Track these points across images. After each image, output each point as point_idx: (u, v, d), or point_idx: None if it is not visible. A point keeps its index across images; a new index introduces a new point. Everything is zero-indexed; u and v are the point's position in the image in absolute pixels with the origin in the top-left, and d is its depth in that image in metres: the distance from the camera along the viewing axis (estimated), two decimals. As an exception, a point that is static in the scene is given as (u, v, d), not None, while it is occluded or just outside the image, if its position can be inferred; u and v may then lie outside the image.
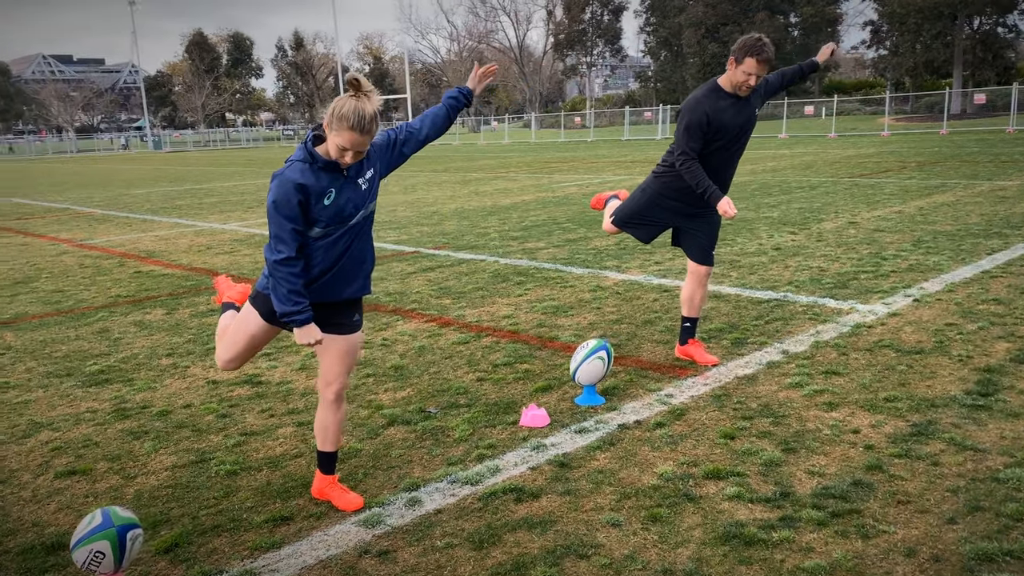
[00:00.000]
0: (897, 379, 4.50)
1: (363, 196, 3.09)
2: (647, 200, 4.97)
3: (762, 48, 4.44)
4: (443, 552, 2.92)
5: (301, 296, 3.02)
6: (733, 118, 4.61)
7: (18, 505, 3.45)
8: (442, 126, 3.39)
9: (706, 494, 3.27)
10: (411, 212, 13.79)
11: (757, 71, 4.48)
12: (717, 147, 4.66)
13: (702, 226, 4.89)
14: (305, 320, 3.03)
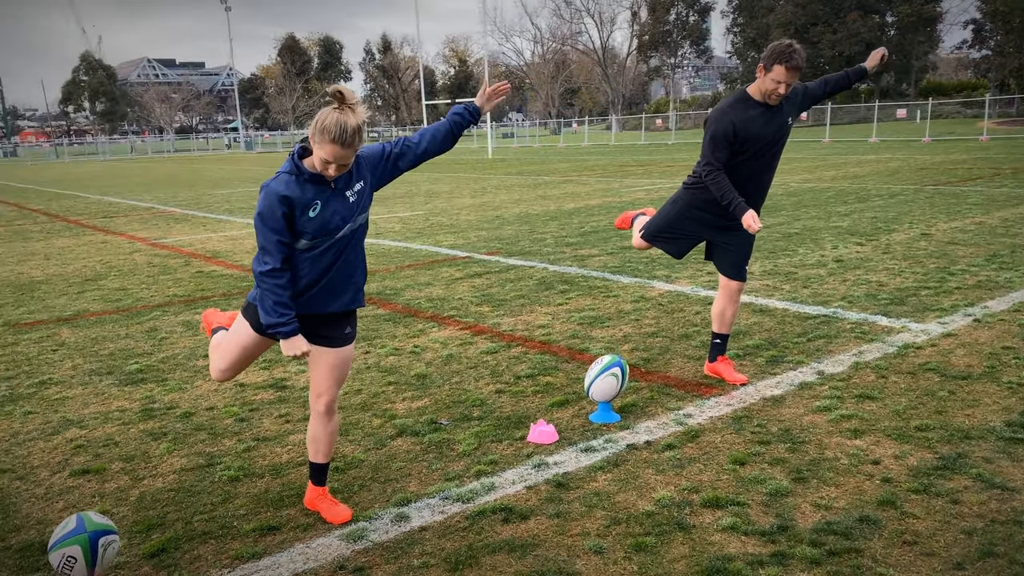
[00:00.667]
0: (935, 406, 4.23)
1: (351, 209, 3.08)
2: (677, 213, 4.82)
3: (791, 55, 4.25)
4: (417, 572, 2.88)
5: (287, 308, 3.03)
6: (763, 128, 4.43)
7: (29, 501, 3.57)
8: (443, 142, 3.33)
9: (700, 523, 3.13)
10: (474, 216, 13.83)
11: (786, 79, 4.29)
12: (746, 158, 4.48)
13: (735, 240, 4.71)
14: (290, 332, 3.04)
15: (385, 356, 5.58)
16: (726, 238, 4.72)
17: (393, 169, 3.23)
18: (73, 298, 8.11)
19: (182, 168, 40.61)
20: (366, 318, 6.66)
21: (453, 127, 3.35)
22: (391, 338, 6.03)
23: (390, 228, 12.60)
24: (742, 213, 4.37)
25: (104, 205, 19.60)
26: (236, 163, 44.49)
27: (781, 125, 4.48)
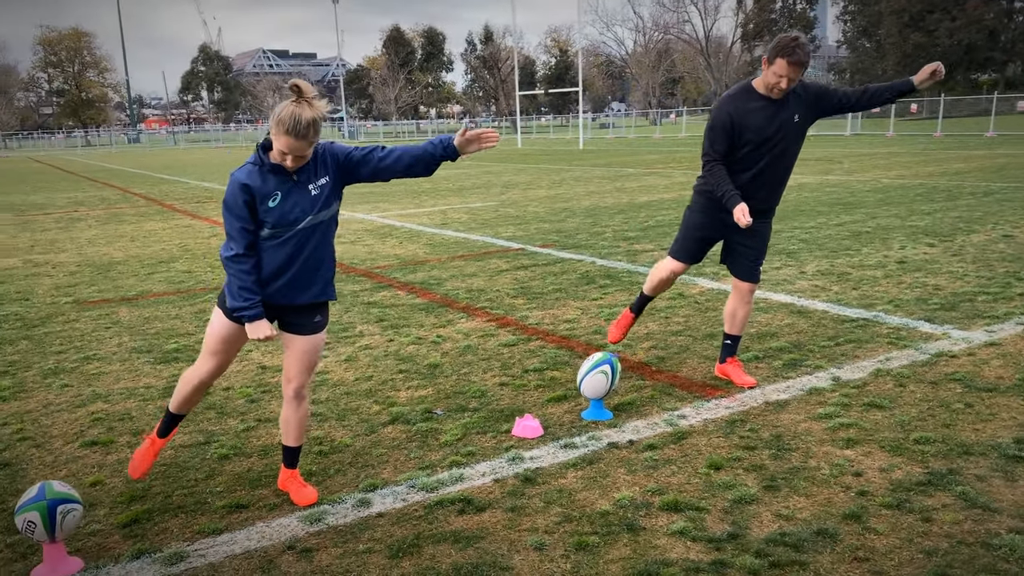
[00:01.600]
0: (945, 419, 4.02)
1: (312, 202, 3.16)
2: (695, 218, 4.70)
3: (793, 49, 4.11)
4: (358, 556, 2.96)
5: (252, 293, 3.14)
6: (764, 122, 4.30)
7: (36, 468, 3.83)
8: (410, 167, 3.24)
9: (651, 526, 3.09)
10: (542, 208, 13.84)
11: (788, 73, 4.15)
12: (747, 151, 4.36)
13: (750, 240, 4.59)
14: (254, 316, 3.15)
15: (406, 345, 5.68)
16: (741, 238, 4.60)
17: (352, 173, 3.24)
18: (142, 279, 8.57)
19: (284, 156, 42.05)
20: (402, 307, 6.80)
21: (425, 156, 3.24)
22: (419, 327, 6.14)
23: (456, 218, 12.75)
24: (733, 205, 4.29)
25: (200, 191, 20.55)
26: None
27: (785, 121, 4.33)
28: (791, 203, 13.05)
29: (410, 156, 3.25)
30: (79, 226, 13.52)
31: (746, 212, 4.24)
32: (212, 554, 3.01)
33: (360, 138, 74.73)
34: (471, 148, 3.22)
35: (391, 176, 3.27)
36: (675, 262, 4.79)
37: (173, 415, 3.54)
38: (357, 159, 3.23)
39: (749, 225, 4.26)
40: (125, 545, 3.09)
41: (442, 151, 3.24)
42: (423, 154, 3.25)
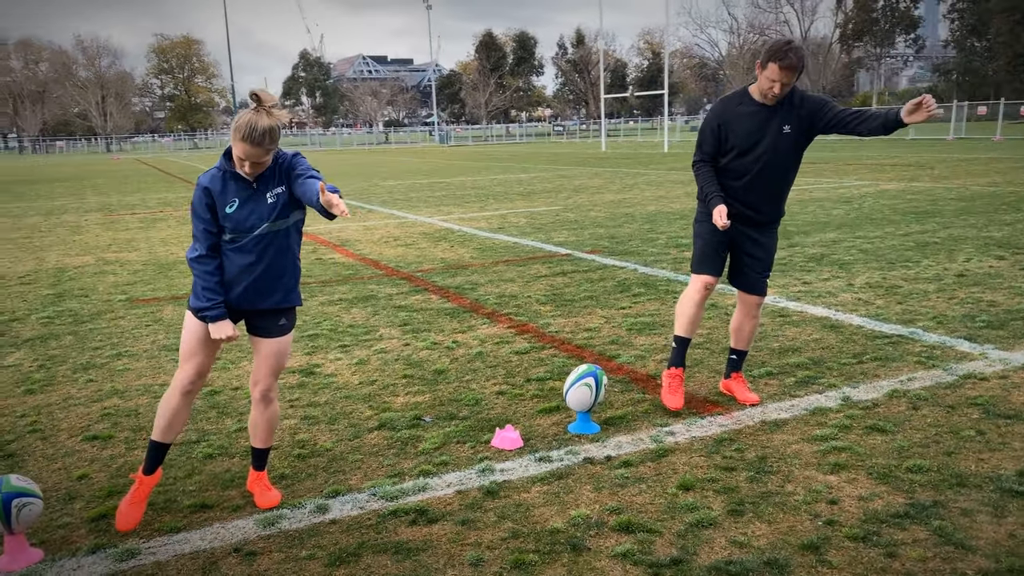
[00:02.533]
0: (949, 446, 3.77)
1: (268, 210, 3.21)
2: (703, 227, 4.52)
3: (785, 54, 3.94)
4: (298, 562, 2.98)
5: (215, 293, 3.21)
6: (751, 127, 4.15)
7: (35, 459, 4.01)
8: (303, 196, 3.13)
9: (597, 547, 3.00)
10: (603, 213, 13.70)
11: (780, 78, 3.98)
12: (734, 156, 4.23)
13: (755, 250, 4.42)
14: (217, 316, 3.22)
15: (421, 349, 5.71)
16: (748, 247, 4.43)
17: (291, 185, 3.23)
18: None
19: (373, 160, 43.01)
20: (430, 311, 6.84)
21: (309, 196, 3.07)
22: (439, 332, 6.16)
23: (514, 223, 12.75)
24: (713, 206, 4.20)
25: (281, 193, 21.17)
26: (423, 156, 46.54)
27: (774, 130, 4.15)
28: (862, 211, 12.53)
29: (306, 189, 3.09)
30: (158, 226, 14.14)
31: (723, 214, 4.13)
32: (162, 552, 3.08)
33: (450, 142, 75.74)
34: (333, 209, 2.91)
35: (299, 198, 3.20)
36: (703, 278, 4.44)
37: (157, 445, 3.40)
38: (293, 176, 3.19)
39: (725, 227, 4.13)
40: (88, 539, 3.21)
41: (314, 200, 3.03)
42: (309, 193, 3.06)
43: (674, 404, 4.41)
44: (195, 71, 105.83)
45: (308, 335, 6.20)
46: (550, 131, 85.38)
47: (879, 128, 3.95)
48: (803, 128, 4.20)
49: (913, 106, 3.74)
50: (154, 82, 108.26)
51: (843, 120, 4.10)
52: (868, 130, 4.01)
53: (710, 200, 4.25)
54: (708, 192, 4.28)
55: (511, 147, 57.49)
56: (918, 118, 3.73)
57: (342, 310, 7.03)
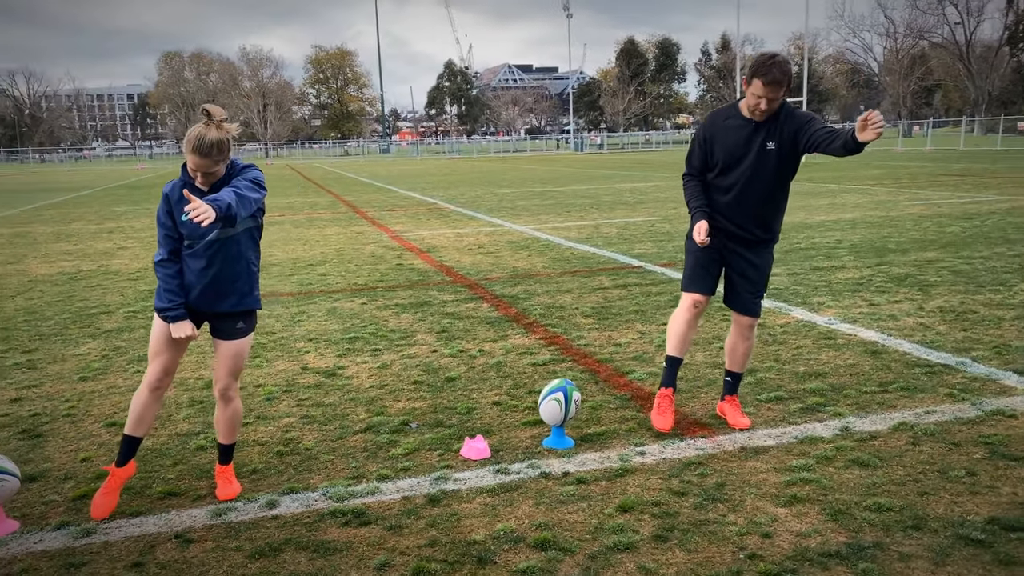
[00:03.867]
0: (929, 485, 3.52)
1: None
2: (694, 246, 4.44)
3: (769, 69, 3.80)
4: (225, 553, 3.15)
5: (175, 295, 3.46)
6: (735, 141, 4.04)
7: (55, 441, 4.41)
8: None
9: (504, 562, 3.02)
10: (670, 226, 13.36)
11: (764, 93, 3.85)
12: (719, 171, 4.13)
13: (747, 269, 4.29)
14: (176, 316, 3.46)
15: (444, 356, 5.84)
16: (738, 266, 4.30)
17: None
18: (281, 280, 9.42)
19: (499, 168, 43.66)
20: (473, 319, 6.96)
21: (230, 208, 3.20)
22: (471, 340, 6.27)
23: (605, 233, 12.67)
24: (695, 222, 4.13)
25: (399, 199, 21.96)
26: (551, 164, 46.81)
27: (758, 146, 4.01)
28: (980, 229, 11.66)
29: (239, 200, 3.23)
30: (272, 230, 15.00)
31: (702, 230, 4.06)
32: (115, 534, 3.34)
33: (585, 150, 75.78)
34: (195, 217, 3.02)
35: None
36: (692, 296, 4.35)
37: (129, 439, 3.63)
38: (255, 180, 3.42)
39: (704, 244, 4.04)
40: (60, 516, 3.52)
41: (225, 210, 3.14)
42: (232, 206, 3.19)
43: (661, 425, 4.30)
44: (348, 81, 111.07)
45: (349, 337, 6.46)
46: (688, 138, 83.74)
47: (840, 148, 3.73)
48: (788, 145, 4.04)
49: (861, 123, 3.50)
50: (310, 91, 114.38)
51: (819, 139, 3.89)
52: (834, 150, 3.79)
53: (693, 215, 4.19)
54: (692, 207, 4.22)
55: (644, 155, 56.91)
56: (868, 136, 3.47)
57: (392, 315, 7.27)
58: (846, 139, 3.65)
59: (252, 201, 3.34)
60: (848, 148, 3.65)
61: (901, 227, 12.21)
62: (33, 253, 12.44)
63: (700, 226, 4.09)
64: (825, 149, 3.85)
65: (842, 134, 3.72)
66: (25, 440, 4.44)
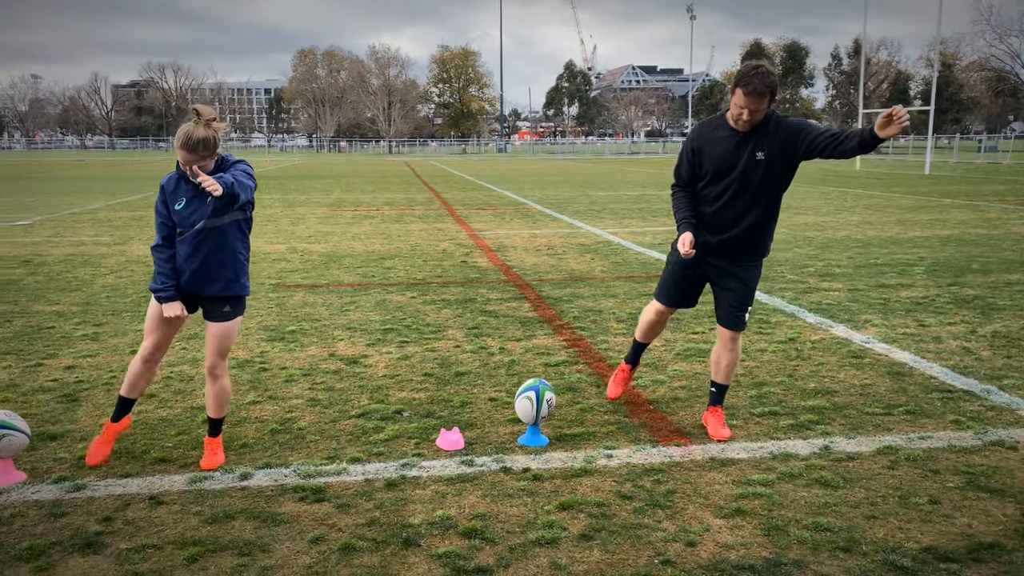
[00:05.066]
0: (883, 510, 3.44)
1: (207, 209, 3.71)
2: (674, 257, 4.48)
3: (751, 79, 3.80)
4: (185, 516, 3.43)
5: (168, 278, 3.79)
6: (724, 153, 4.03)
7: (86, 406, 4.85)
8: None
9: (428, 545, 3.17)
10: (781, 235, 13.05)
11: (746, 104, 3.84)
12: (707, 183, 4.14)
13: (732, 283, 4.28)
14: (168, 297, 3.79)
15: (466, 352, 6.02)
16: (724, 280, 4.31)
17: None
18: (347, 270, 9.84)
19: (605, 170, 43.46)
20: (508, 318, 7.11)
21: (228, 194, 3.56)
22: (497, 338, 6.43)
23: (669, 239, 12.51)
24: (679, 234, 4.15)
25: (493, 198, 22.31)
26: (660, 167, 46.24)
27: (747, 156, 3.98)
28: (1080, 251, 10.88)
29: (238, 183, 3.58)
30: (363, 223, 15.59)
31: (686, 241, 4.08)
32: (101, 491, 3.69)
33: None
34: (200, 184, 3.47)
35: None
36: (656, 303, 4.61)
37: (123, 399, 4.06)
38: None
39: (689, 255, 4.06)
40: (61, 471, 3.91)
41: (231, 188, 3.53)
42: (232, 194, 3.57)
43: (611, 393, 4.87)
44: (469, 81, 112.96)
45: (384, 328, 6.74)
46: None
47: (857, 147, 3.77)
48: (779, 155, 4.01)
49: (885, 119, 3.54)
50: (433, 90, 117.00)
51: (822, 144, 3.90)
52: (847, 151, 3.83)
53: (679, 226, 4.21)
54: (679, 219, 4.24)
55: (761, 162, 55.32)
56: (891, 131, 3.55)
57: (434, 309, 7.51)
58: (863, 137, 3.69)
59: (249, 188, 3.69)
60: (866, 146, 3.70)
61: (997, 247, 11.54)
62: (140, 236, 13.42)
63: (684, 238, 4.11)
64: (833, 152, 3.86)
65: (855, 133, 3.77)
66: (62, 403, 4.91)
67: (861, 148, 3.74)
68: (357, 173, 38.77)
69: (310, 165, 52.12)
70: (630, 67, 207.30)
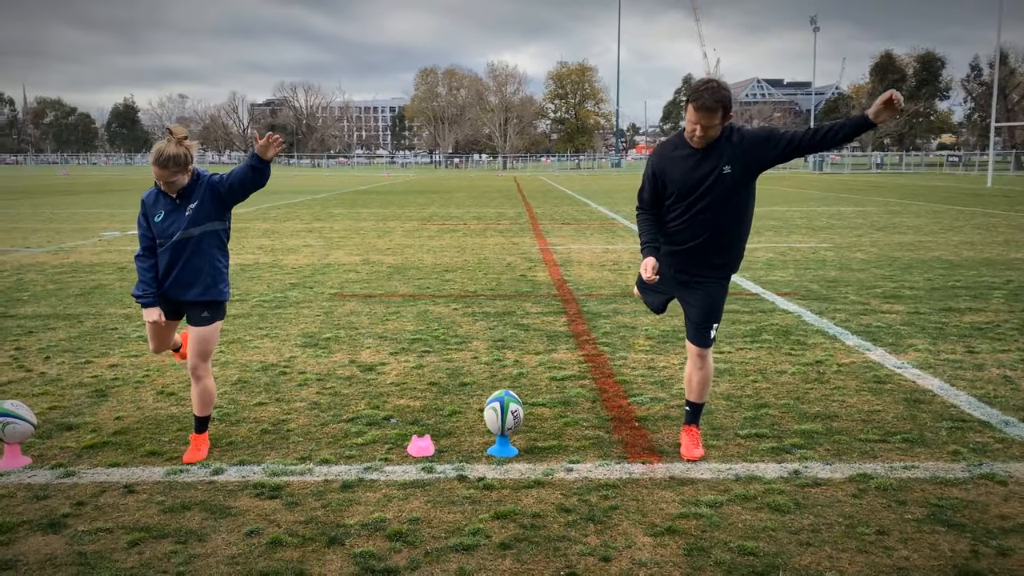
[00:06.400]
0: (823, 538, 3.32)
1: (183, 221, 3.98)
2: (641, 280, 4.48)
3: (699, 95, 3.77)
4: (148, 504, 3.69)
5: (147, 286, 4.09)
6: (686, 170, 3.98)
7: (111, 402, 5.24)
8: (240, 184, 3.98)
9: (350, 545, 3.29)
10: (865, 255, 12.50)
11: (696, 120, 3.82)
12: (673, 202, 4.10)
13: (695, 298, 4.23)
14: (148, 304, 4.10)
15: (480, 363, 6.13)
16: (687, 295, 4.26)
17: (221, 196, 4.01)
18: (407, 282, 10.13)
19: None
20: (537, 331, 7.17)
21: (247, 171, 3.95)
22: (518, 351, 6.51)
23: (751, 258, 12.20)
24: (643, 258, 4.12)
25: (583, 213, 22.33)
26: (775, 183, 44.90)
27: (710, 171, 3.93)
28: None
29: (238, 176, 3.95)
30: (445, 236, 15.96)
31: (647, 267, 4.04)
32: (87, 477, 4.01)
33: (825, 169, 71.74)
34: (271, 153, 3.94)
35: (234, 195, 4.01)
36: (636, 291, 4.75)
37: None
38: (219, 184, 3.98)
39: (652, 281, 4.03)
40: (61, 459, 4.26)
41: (255, 162, 3.94)
42: (245, 172, 3.95)
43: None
44: (586, 96, 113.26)
45: (412, 339, 6.93)
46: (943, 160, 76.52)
47: (851, 133, 3.82)
48: (745, 166, 3.96)
49: (882, 104, 3.65)
50: (549, 106, 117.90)
51: (801, 142, 3.94)
52: (833, 143, 3.85)
53: (642, 250, 4.20)
54: (641, 243, 4.23)
55: (886, 177, 52.90)
56: (886, 115, 3.67)
57: (470, 321, 7.66)
58: (858, 123, 3.76)
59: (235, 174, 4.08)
60: (859, 131, 3.78)
61: (1101, 270, 10.68)
62: (233, 246, 14.20)
63: (646, 263, 4.09)
64: (819, 145, 3.89)
65: (843, 123, 3.84)
66: (92, 397, 5.33)
67: (856, 132, 3.80)
68: (464, 188, 39.56)
69: (422, 181, 53.54)
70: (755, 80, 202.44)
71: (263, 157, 3.94)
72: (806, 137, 3.89)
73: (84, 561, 3.17)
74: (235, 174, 4.02)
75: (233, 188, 4.00)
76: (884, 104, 3.66)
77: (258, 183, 4.00)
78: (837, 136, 3.82)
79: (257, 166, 3.95)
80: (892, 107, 3.65)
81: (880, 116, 3.69)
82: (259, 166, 3.95)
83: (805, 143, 3.89)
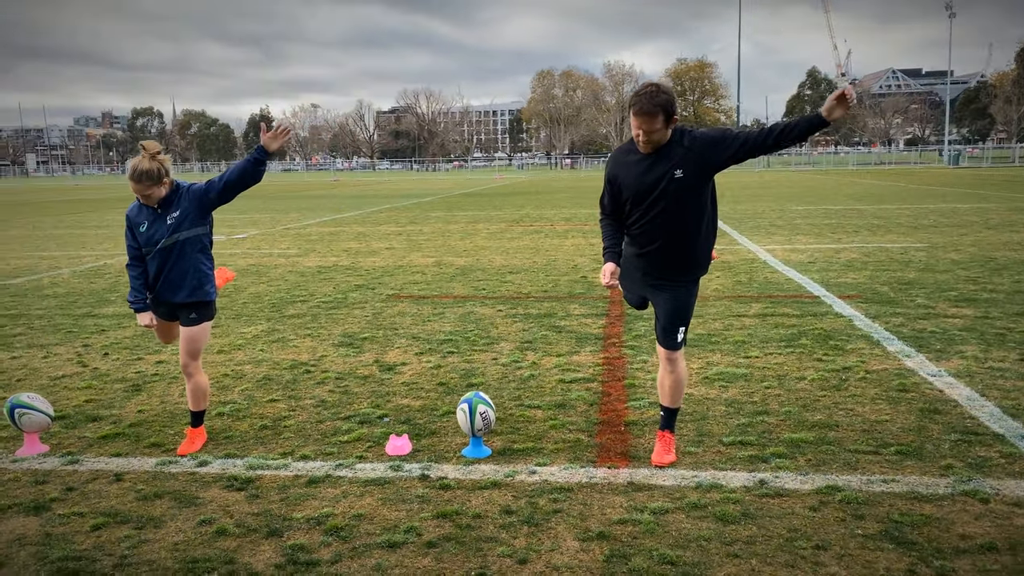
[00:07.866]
0: (753, 551, 3.22)
1: (166, 229, 4.25)
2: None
3: (639, 99, 3.76)
4: (128, 491, 3.96)
5: (138, 292, 4.39)
6: (638, 175, 3.94)
7: (142, 395, 5.62)
8: (239, 178, 4.18)
9: (288, 538, 3.44)
10: (959, 255, 11.75)
11: (637, 125, 3.80)
12: (630, 208, 4.07)
13: (661, 300, 4.18)
14: (140, 309, 4.39)
15: (498, 364, 6.20)
16: (655, 296, 4.22)
17: (210, 201, 4.25)
18: (466, 283, 10.30)
19: (834, 182, 40.68)
20: (567, 332, 7.16)
21: (248, 166, 4.17)
22: (542, 353, 6.54)
23: (833, 258, 11.69)
24: (603, 263, 4.12)
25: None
26: (901, 178, 42.60)
27: (661, 176, 3.87)
28: None
29: (236, 171, 4.18)
30: (526, 238, 16.06)
31: (606, 273, 4.07)
32: (88, 465, 4.34)
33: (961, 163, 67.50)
34: (275, 144, 4.15)
35: (230, 190, 4.23)
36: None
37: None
38: (206, 190, 4.23)
39: (611, 286, 4.04)
40: (72, 447, 4.62)
41: (257, 154, 4.13)
42: (247, 165, 4.15)
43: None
44: (705, 92, 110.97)
45: (442, 339, 7.07)
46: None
47: (798, 137, 3.77)
48: (698, 169, 3.88)
49: (835, 100, 3.62)
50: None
51: (754, 142, 3.87)
52: (788, 141, 3.80)
53: (603, 256, 4.19)
54: (603, 249, 4.22)
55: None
56: (839, 112, 3.63)
57: (508, 322, 7.73)
58: (811, 121, 3.71)
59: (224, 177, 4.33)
60: (813, 129, 3.72)
61: None
62: (322, 249, 14.82)
63: (605, 269, 4.12)
64: (774, 145, 3.83)
65: (797, 121, 3.78)
66: (127, 391, 5.74)
67: (810, 130, 3.73)
68: (569, 189, 39.57)
69: (532, 182, 53.89)
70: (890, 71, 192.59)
71: (268, 149, 4.13)
72: (759, 137, 3.82)
73: (46, 541, 3.46)
74: (234, 170, 4.22)
75: (229, 185, 4.22)
76: (837, 100, 3.61)
77: (256, 178, 4.20)
78: (791, 135, 3.77)
79: (260, 158, 4.15)
80: (845, 104, 3.60)
81: (833, 113, 3.63)
82: (262, 158, 4.16)
83: (759, 144, 3.82)
